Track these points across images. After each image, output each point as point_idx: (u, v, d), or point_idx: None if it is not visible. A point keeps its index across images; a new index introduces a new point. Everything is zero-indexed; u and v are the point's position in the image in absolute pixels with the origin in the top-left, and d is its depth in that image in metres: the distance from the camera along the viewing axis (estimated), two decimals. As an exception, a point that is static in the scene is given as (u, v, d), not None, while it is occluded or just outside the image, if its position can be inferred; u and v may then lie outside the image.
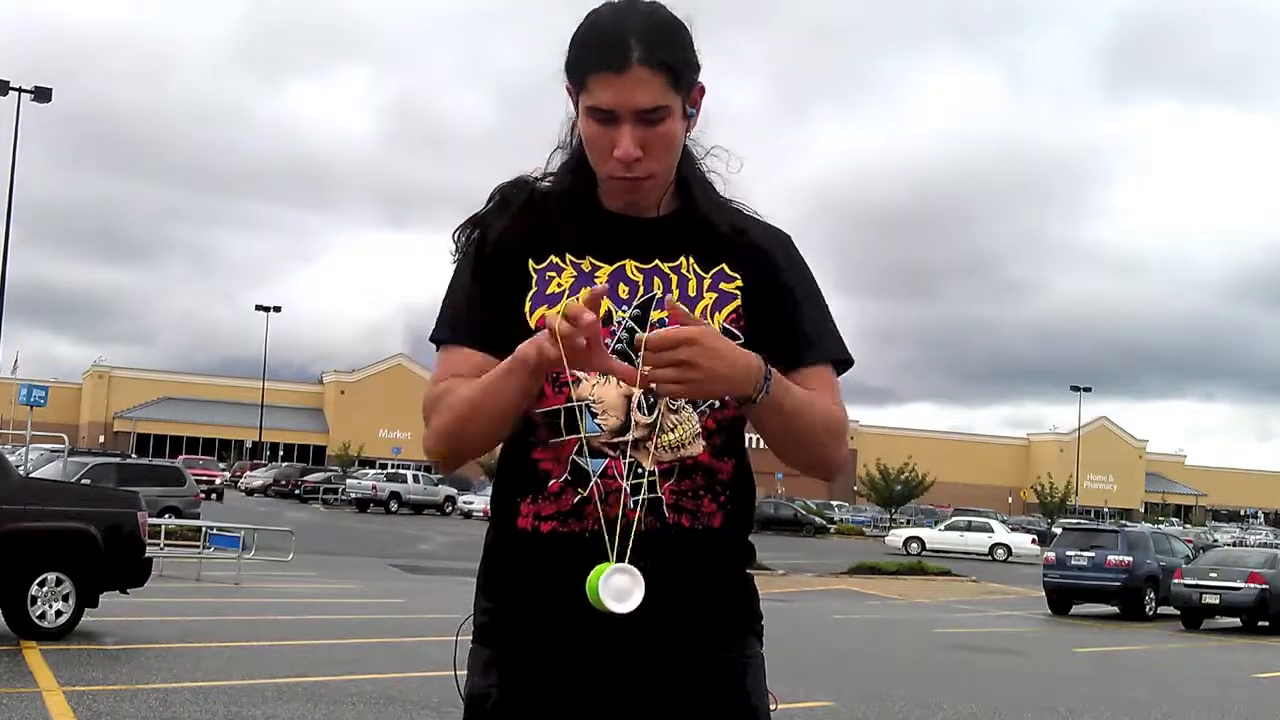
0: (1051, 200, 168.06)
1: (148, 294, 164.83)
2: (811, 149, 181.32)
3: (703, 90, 1.96)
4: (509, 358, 1.80)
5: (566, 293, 1.93)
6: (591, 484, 1.89)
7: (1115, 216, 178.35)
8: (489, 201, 2.03)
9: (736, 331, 1.95)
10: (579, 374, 1.91)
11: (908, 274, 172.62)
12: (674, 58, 1.89)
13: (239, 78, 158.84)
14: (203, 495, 46.99)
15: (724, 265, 1.99)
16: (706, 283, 1.97)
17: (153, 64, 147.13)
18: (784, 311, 1.98)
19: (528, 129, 2.05)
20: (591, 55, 1.88)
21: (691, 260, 1.98)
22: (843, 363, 2.03)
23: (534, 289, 1.95)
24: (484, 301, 1.95)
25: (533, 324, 1.92)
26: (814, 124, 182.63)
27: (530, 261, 1.96)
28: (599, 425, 1.90)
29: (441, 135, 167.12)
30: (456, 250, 2.02)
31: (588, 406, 1.90)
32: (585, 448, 1.90)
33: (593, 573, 1.75)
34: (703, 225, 1.99)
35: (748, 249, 2.00)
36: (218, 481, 52.73)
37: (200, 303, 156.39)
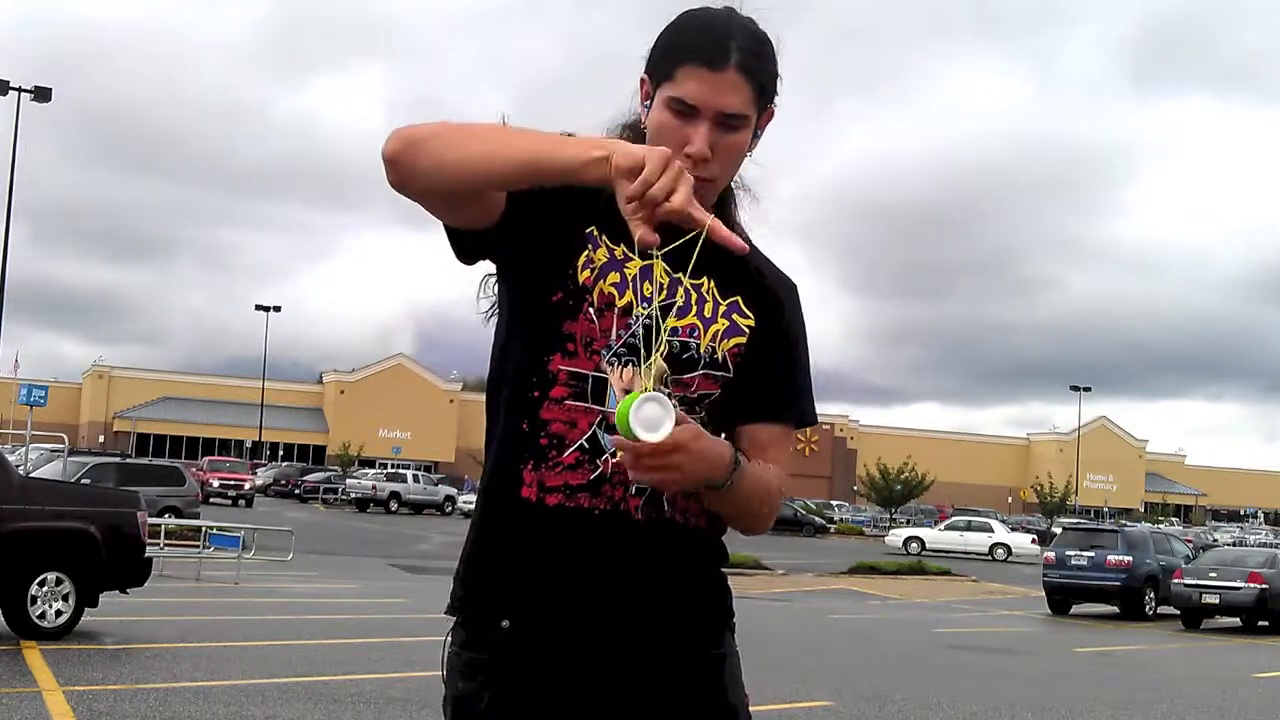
0: (1072, 198, 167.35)
1: (159, 294, 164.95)
2: (835, 146, 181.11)
3: (772, 115, 1.97)
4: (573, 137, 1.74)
5: (597, 272, 1.92)
6: (604, 457, 1.89)
7: (1134, 214, 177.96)
8: None
9: (731, 365, 1.97)
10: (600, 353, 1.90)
11: (924, 273, 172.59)
12: (766, 73, 1.91)
13: (255, 75, 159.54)
14: (229, 501, 44.77)
15: (739, 299, 2.00)
16: (722, 308, 1.98)
17: (170, 61, 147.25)
18: (778, 365, 2.01)
19: (544, 128, 2.04)
20: (690, 47, 1.88)
21: (712, 283, 1.98)
22: (803, 423, 2.07)
23: (585, 251, 1.93)
24: (528, 219, 1.89)
25: (580, 279, 1.90)
26: (838, 120, 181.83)
27: (579, 226, 1.93)
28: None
29: None
30: None
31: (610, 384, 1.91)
32: (606, 422, 1.89)
33: (623, 401, 1.72)
34: (730, 253, 1.99)
35: (764, 291, 2.02)
36: (247, 486, 48.45)
37: (211, 302, 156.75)
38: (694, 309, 1.96)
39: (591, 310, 1.90)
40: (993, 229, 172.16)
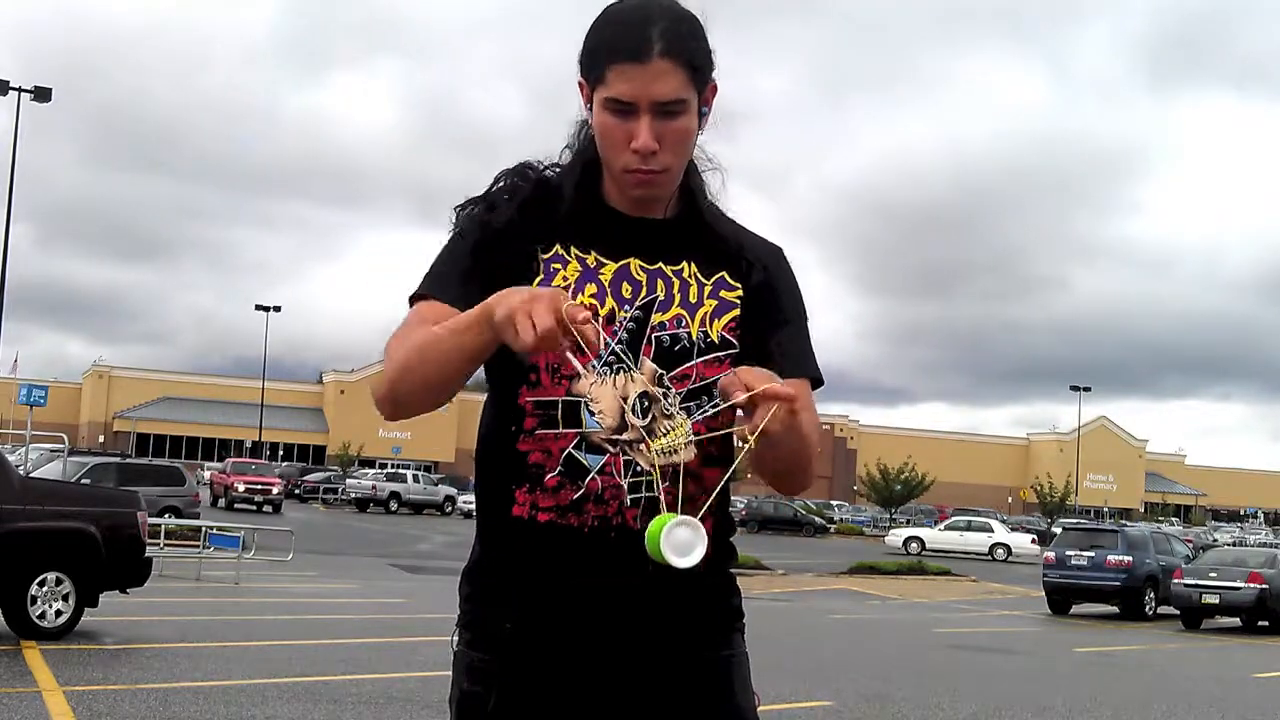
0: (1086, 197, 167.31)
1: (165, 294, 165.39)
2: (848, 143, 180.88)
3: (715, 89, 1.95)
4: (474, 310, 1.73)
5: (571, 287, 1.92)
6: (590, 478, 1.89)
7: (1148, 213, 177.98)
8: (494, 184, 2.01)
9: (733, 340, 1.97)
10: (580, 368, 1.91)
11: (935, 272, 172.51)
12: (694, 51, 1.88)
13: (265, 73, 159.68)
14: (254, 507, 41.93)
15: (724, 273, 2.00)
16: (707, 289, 1.98)
17: (180, 59, 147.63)
18: (778, 325, 2.00)
19: (558, 127, 2.05)
20: (612, 46, 1.87)
21: (693, 265, 1.98)
22: (815, 381, 2.05)
23: (540, 277, 1.93)
24: (483, 282, 1.89)
25: None
26: (852, 118, 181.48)
27: (538, 249, 1.95)
28: (598, 422, 1.90)
29: (472, 133, 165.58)
30: (457, 225, 1.99)
31: (586, 404, 1.90)
32: (585, 443, 1.89)
33: (654, 523, 1.71)
34: (705, 231, 2.00)
35: (746, 260, 2.02)
36: (275, 490, 44.30)
37: (218, 302, 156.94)
38: (677, 298, 1.96)
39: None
40: (1005, 228, 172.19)
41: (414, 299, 1.95)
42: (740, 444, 1.77)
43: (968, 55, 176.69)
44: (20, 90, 37.19)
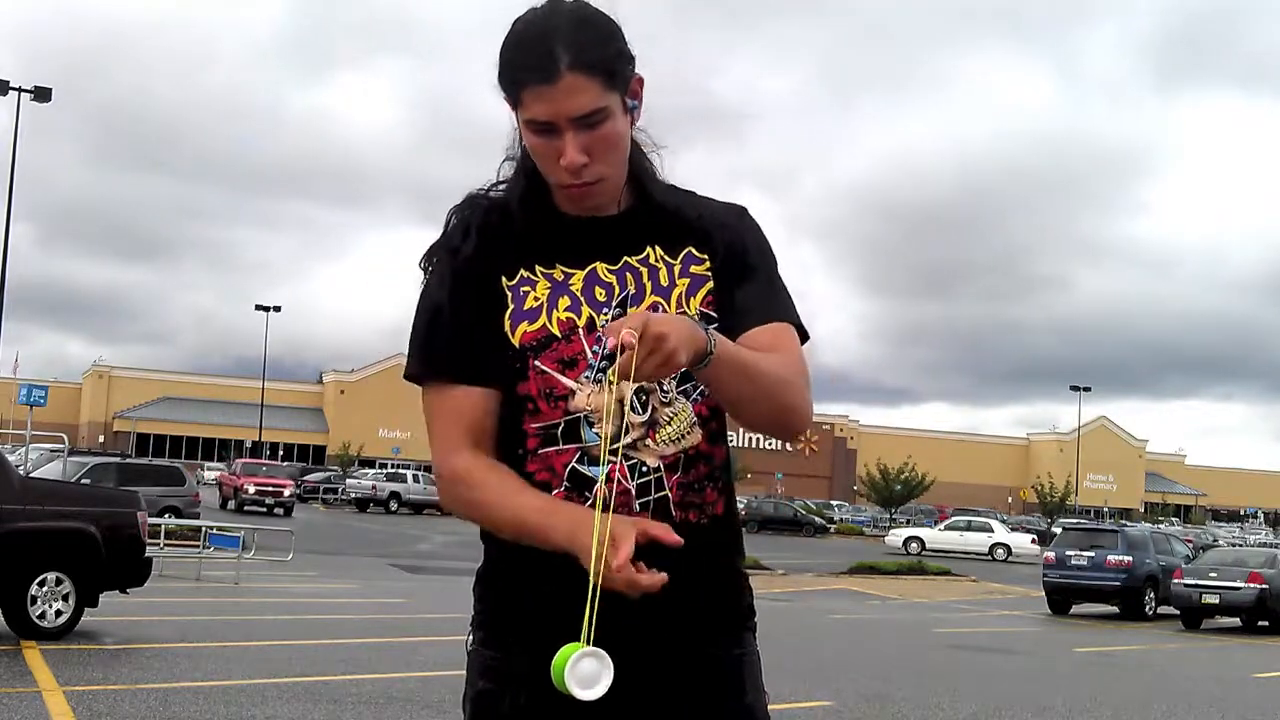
0: (1092, 197, 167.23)
1: (166, 294, 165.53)
2: (853, 143, 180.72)
3: (641, 81, 1.92)
4: (555, 520, 1.82)
5: (544, 306, 1.92)
6: (597, 487, 1.89)
7: (1153, 213, 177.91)
8: (446, 226, 2.00)
9: (713, 314, 1.95)
10: (572, 385, 1.91)
11: (939, 272, 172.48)
12: (604, 56, 1.84)
13: (268, 73, 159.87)
14: (265, 509, 40.89)
15: (690, 248, 1.98)
16: (677, 269, 1.97)
17: (184, 59, 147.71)
18: (749, 277, 1.98)
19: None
20: (520, 69, 1.84)
21: (658, 249, 1.97)
22: (798, 331, 2.00)
23: (511, 306, 1.93)
24: (463, 328, 1.92)
25: (515, 342, 1.91)
26: (855, 118, 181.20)
27: (503, 279, 1.94)
28: (597, 434, 1.90)
29: (474, 133, 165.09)
30: (426, 280, 1.99)
31: (585, 417, 1.90)
32: (586, 457, 1.90)
33: (560, 653, 1.71)
34: (661, 213, 1.98)
35: (708, 229, 2.00)
36: (287, 493, 43.23)
37: (219, 302, 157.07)
38: (649, 286, 1.95)
39: (537, 362, 1.90)
40: (1007, 228, 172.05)
41: (410, 378, 1.97)
42: (611, 389, 1.73)
43: (971, 55, 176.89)
44: (20, 90, 37.18)
